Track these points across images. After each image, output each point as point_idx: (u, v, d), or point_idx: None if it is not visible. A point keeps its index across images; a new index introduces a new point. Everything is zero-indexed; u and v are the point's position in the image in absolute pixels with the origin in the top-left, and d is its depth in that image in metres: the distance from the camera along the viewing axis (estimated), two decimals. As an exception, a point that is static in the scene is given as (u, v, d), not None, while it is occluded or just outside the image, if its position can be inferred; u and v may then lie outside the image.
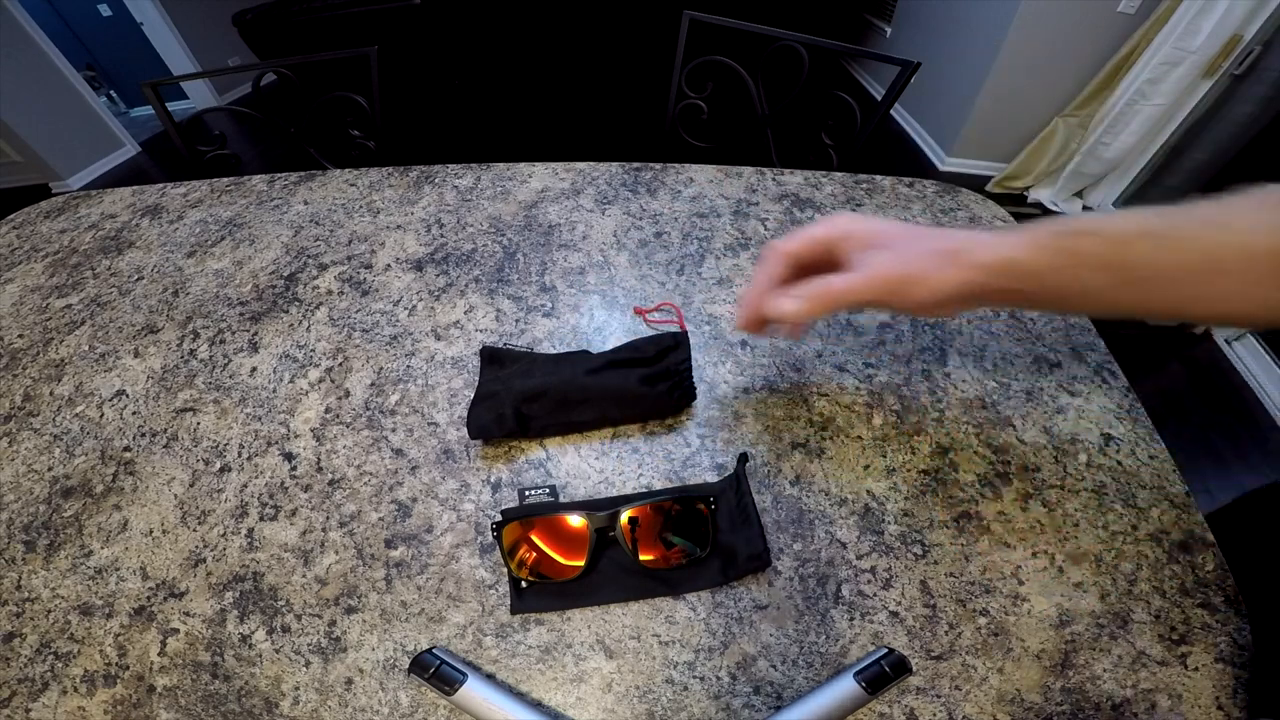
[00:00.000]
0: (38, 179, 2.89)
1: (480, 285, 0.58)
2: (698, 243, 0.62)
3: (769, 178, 0.72)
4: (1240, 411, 1.51)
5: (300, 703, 0.33)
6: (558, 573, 0.36)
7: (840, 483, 0.41)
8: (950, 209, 0.66)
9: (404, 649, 0.34)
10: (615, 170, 0.74)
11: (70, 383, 0.51)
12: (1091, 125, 2.07)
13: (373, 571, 0.38)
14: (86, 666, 0.35)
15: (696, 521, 0.37)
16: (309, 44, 2.43)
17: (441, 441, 0.45)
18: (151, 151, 3.29)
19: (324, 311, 0.56)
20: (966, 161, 2.52)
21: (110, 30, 3.84)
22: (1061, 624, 0.34)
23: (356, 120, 0.94)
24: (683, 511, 0.37)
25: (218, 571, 0.38)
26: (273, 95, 0.95)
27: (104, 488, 0.44)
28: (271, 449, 0.45)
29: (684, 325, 0.52)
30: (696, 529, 0.36)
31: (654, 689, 0.33)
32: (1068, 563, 0.36)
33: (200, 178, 0.81)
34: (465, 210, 0.68)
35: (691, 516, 0.37)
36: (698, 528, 0.36)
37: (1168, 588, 0.35)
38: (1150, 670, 0.32)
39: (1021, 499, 0.39)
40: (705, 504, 0.37)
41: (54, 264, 0.65)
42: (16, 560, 0.40)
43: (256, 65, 0.98)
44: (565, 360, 0.48)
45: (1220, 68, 1.77)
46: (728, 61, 0.87)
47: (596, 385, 0.43)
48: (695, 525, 0.36)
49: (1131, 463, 0.41)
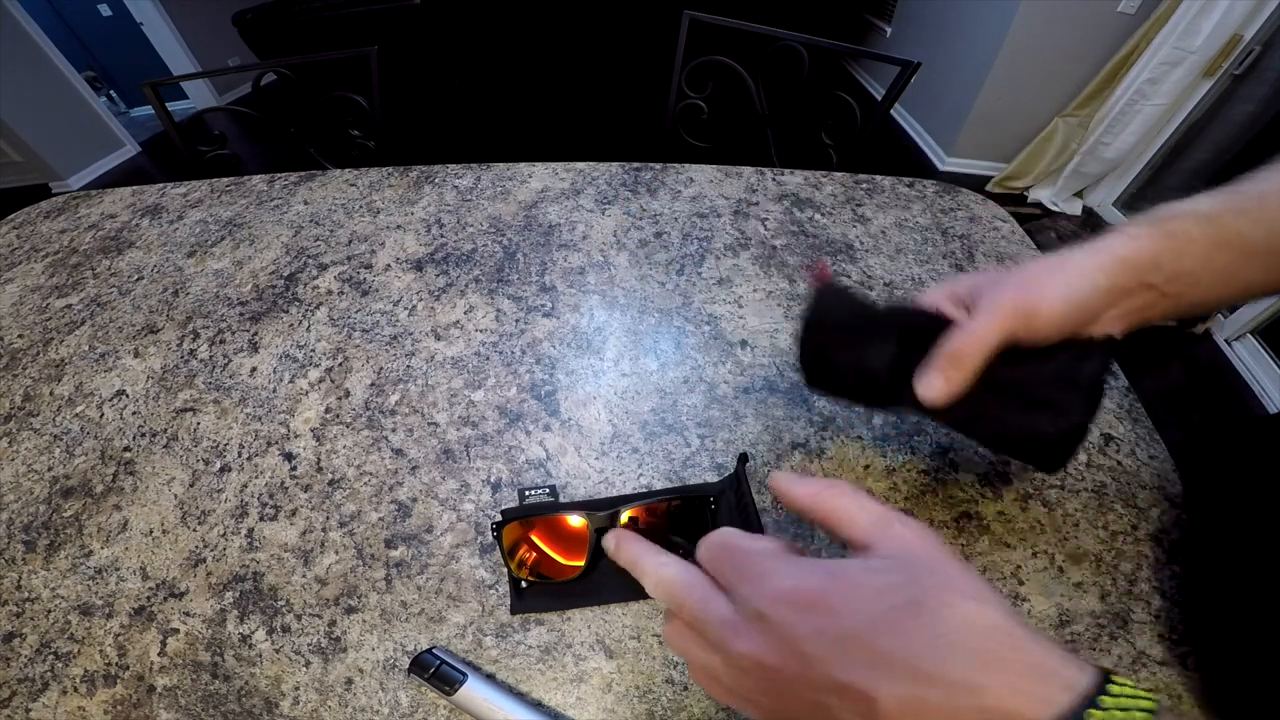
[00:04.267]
0: (38, 179, 2.89)
1: (480, 285, 0.58)
2: (698, 243, 0.62)
3: (769, 178, 0.72)
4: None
5: (300, 703, 0.33)
6: (558, 573, 0.36)
7: (840, 483, 0.41)
8: (950, 209, 0.66)
9: (404, 649, 0.34)
10: (615, 170, 0.74)
11: (70, 383, 0.51)
12: (1091, 125, 2.07)
13: (373, 571, 0.38)
14: (86, 666, 0.35)
15: (697, 521, 0.36)
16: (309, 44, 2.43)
17: (441, 441, 0.45)
18: (151, 151, 3.29)
19: (324, 311, 0.56)
20: (966, 161, 2.52)
21: (110, 30, 3.84)
22: (1061, 624, 0.34)
23: (356, 120, 0.94)
24: (683, 511, 0.37)
25: (218, 571, 0.38)
26: (273, 95, 0.95)
27: (104, 488, 0.44)
28: (271, 449, 0.45)
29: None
30: (697, 529, 0.36)
31: (654, 689, 0.33)
32: (1068, 563, 0.36)
33: (200, 178, 0.81)
34: (465, 210, 0.68)
35: (692, 516, 0.37)
36: (698, 528, 0.36)
37: (1167, 588, 0.35)
38: (1150, 670, 0.32)
39: (1021, 499, 0.39)
40: (705, 504, 0.37)
41: (54, 264, 0.65)
42: (16, 560, 0.40)
43: (256, 65, 0.98)
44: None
45: (1220, 68, 1.77)
46: (728, 61, 0.87)
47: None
48: (695, 525, 0.36)
49: (1131, 463, 0.41)
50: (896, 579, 0.19)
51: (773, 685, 0.19)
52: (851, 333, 0.33)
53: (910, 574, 0.19)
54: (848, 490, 0.23)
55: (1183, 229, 0.28)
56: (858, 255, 0.60)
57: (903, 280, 0.57)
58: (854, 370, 0.33)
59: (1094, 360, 0.30)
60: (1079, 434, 0.30)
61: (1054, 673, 0.16)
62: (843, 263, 0.59)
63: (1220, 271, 0.28)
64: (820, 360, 0.35)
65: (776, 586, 0.20)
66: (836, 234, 0.63)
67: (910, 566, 0.19)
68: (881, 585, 0.18)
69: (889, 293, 0.55)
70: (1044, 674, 0.16)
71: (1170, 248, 0.28)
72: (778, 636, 0.19)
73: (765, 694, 0.19)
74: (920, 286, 0.56)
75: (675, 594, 0.22)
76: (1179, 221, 0.28)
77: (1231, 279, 0.28)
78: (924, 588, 0.18)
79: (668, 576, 0.23)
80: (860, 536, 0.22)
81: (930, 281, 0.56)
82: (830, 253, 0.60)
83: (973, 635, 0.17)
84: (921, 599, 0.18)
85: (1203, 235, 0.28)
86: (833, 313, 0.34)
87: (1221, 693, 0.31)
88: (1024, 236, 0.63)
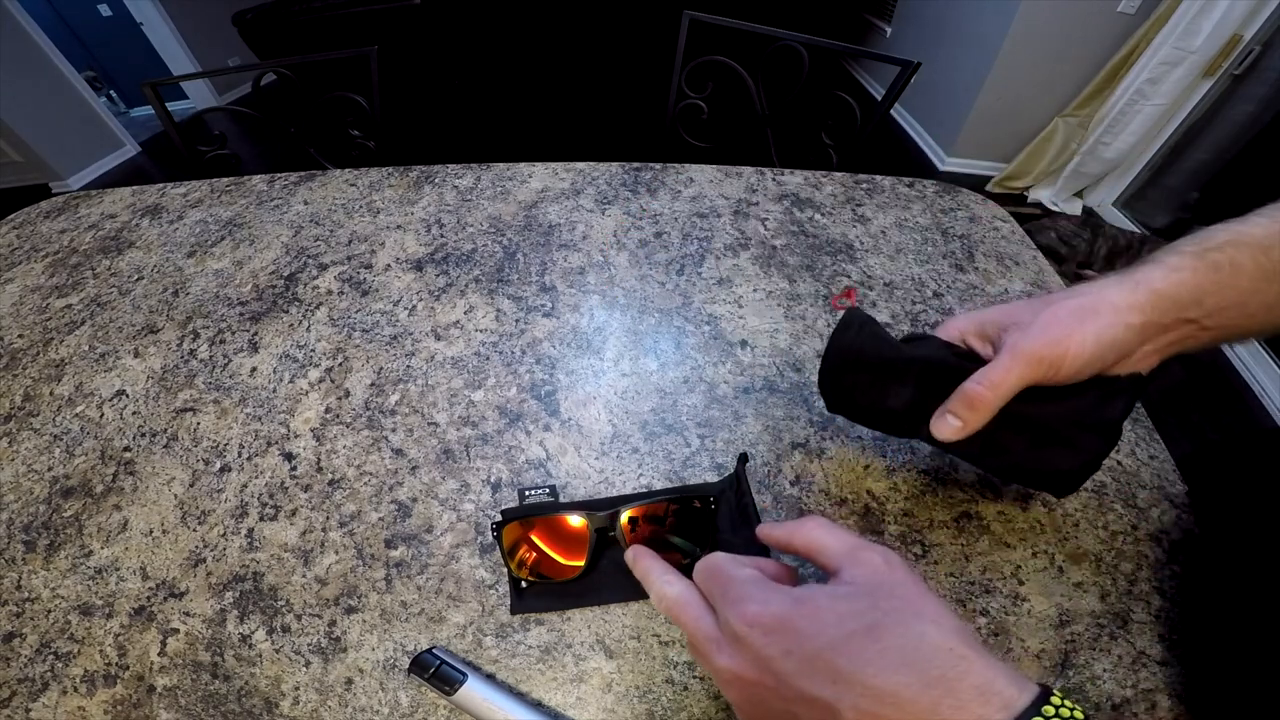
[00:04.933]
0: (38, 179, 2.89)
1: (480, 285, 0.58)
2: (698, 243, 0.62)
3: (769, 178, 0.72)
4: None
5: (300, 703, 0.33)
6: (558, 573, 0.36)
7: (840, 483, 0.41)
8: (950, 209, 0.66)
9: (404, 649, 0.34)
10: (615, 170, 0.74)
11: (70, 383, 0.51)
12: (1091, 125, 2.07)
13: (373, 571, 0.38)
14: (86, 666, 0.35)
15: (697, 521, 0.36)
16: (309, 44, 2.43)
17: (441, 441, 0.45)
18: (151, 151, 3.30)
19: (324, 311, 0.56)
20: (966, 161, 2.52)
21: (110, 30, 3.84)
22: (1061, 624, 0.34)
23: (356, 120, 0.94)
24: (683, 511, 0.36)
25: (218, 571, 0.38)
26: (273, 95, 0.95)
27: (104, 488, 0.44)
28: (271, 449, 0.45)
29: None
30: (697, 529, 0.36)
31: (654, 689, 0.33)
32: (1068, 563, 0.36)
33: (200, 178, 0.81)
34: (465, 210, 0.68)
35: (692, 516, 0.37)
36: (698, 528, 0.36)
37: (1167, 588, 0.35)
38: (1150, 670, 0.32)
39: (1021, 499, 0.39)
40: (705, 504, 0.37)
41: (54, 264, 0.65)
42: (16, 560, 0.40)
43: (256, 65, 0.98)
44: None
45: (1220, 68, 1.77)
46: (728, 61, 0.87)
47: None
48: (695, 525, 0.36)
49: (1131, 463, 0.41)
50: (859, 605, 0.21)
51: (752, 695, 0.22)
52: (872, 374, 0.33)
53: (872, 599, 0.21)
54: (821, 523, 0.25)
55: (1231, 259, 0.26)
56: (858, 255, 0.60)
57: (903, 280, 0.57)
58: (874, 410, 0.34)
59: (1120, 401, 0.29)
60: (1093, 468, 0.30)
61: (996, 693, 0.17)
62: (843, 263, 0.59)
63: (1268, 304, 0.27)
64: (841, 396, 0.35)
65: (748, 611, 0.22)
66: (836, 234, 0.63)
67: (873, 592, 0.21)
68: (845, 610, 0.21)
69: (889, 293, 0.55)
70: (986, 694, 0.17)
71: (1214, 280, 0.27)
72: (752, 655, 0.21)
73: (746, 702, 0.22)
74: (920, 286, 0.56)
75: (673, 611, 0.25)
76: (1228, 251, 0.27)
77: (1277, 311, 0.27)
78: (883, 611, 0.20)
79: (669, 595, 0.26)
80: (832, 564, 0.24)
81: (930, 282, 0.56)
82: (830, 253, 0.60)
83: (923, 656, 0.19)
84: (880, 622, 0.20)
85: (1254, 265, 0.26)
86: (853, 352, 0.34)
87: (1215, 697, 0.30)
88: (1024, 236, 0.63)
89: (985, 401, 0.28)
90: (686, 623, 0.24)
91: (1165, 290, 0.27)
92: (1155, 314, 0.27)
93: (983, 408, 0.28)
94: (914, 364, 0.32)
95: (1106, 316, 0.27)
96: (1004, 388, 0.28)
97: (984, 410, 0.29)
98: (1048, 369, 0.28)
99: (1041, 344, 0.28)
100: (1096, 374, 0.28)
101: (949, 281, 0.57)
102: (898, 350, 0.33)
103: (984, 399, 0.28)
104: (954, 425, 0.29)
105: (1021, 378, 0.28)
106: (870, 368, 0.33)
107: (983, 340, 0.32)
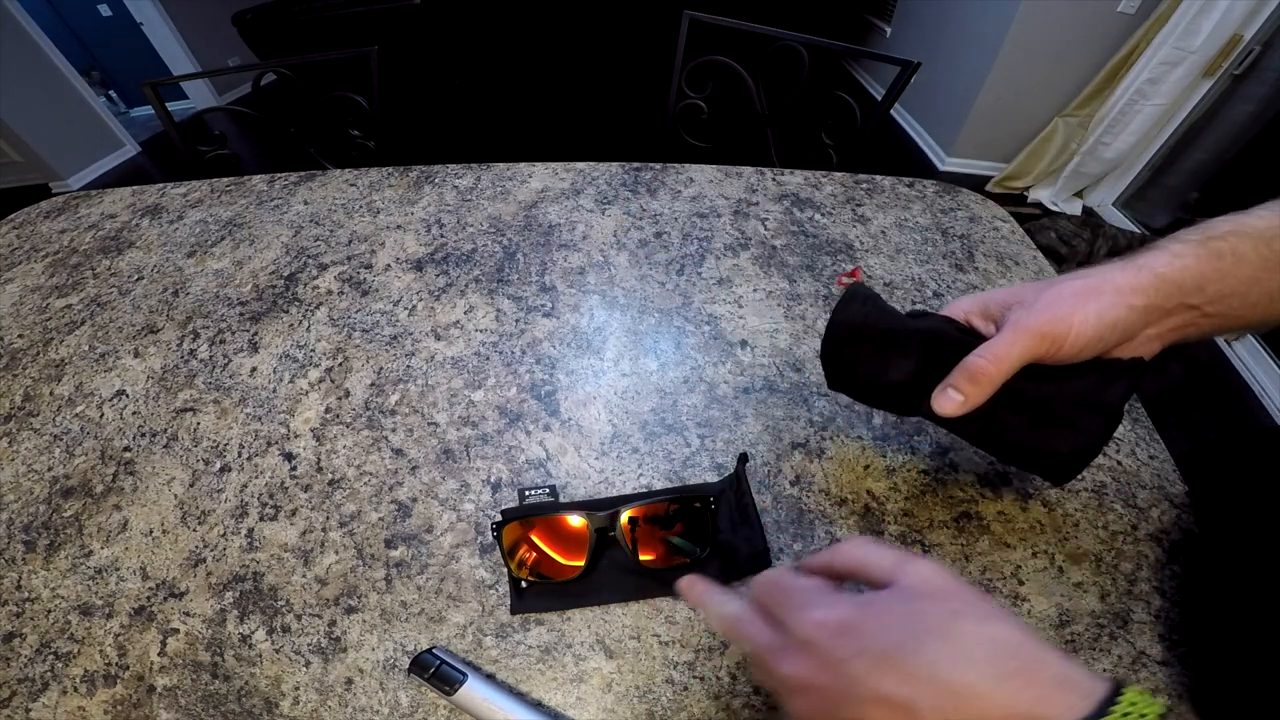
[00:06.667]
0: (38, 179, 2.89)
1: (480, 285, 0.58)
2: (698, 243, 0.62)
3: (769, 178, 0.72)
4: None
5: (300, 703, 0.33)
6: (558, 573, 0.36)
7: (840, 483, 0.41)
8: (950, 209, 0.66)
9: (404, 649, 0.34)
10: (615, 170, 0.74)
11: (70, 383, 0.51)
12: (1091, 125, 2.07)
13: (373, 571, 0.38)
14: (86, 666, 0.35)
15: (697, 521, 0.36)
16: (309, 44, 2.43)
17: (441, 441, 0.45)
18: (151, 151, 3.29)
19: (324, 311, 0.56)
20: (966, 161, 2.52)
21: (110, 30, 3.84)
22: (1061, 624, 0.34)
23: (356, 120, 0.94)
24: (683, 511, 0.37)
25: (218, 571, 0.38)
26: (273, 95, 0.95)
27: (104, 488, 0.44)
28: (271, 449, 0.45)
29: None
30: (697, 529, 0.36)
31: (654, 689, 0.33)
32: (1068, 563, 0.36)
33: (200, 178, 0.81)
34: (465, 210, 0.68)
35: (692, 516, 0.37)
36: (698, 528, 0.36)
37: (1167, 588, 0.35)
38: (1150, 670, 0.32)
39: (1021, 499, 0.39)
40: (705, 504, 0.37)
41: (54, 264, 0.65)
42: (16, 560, 0.40)
43: (256, 65, 0.98)
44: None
45: (1220, 68, 1.77)
46: (728, 61, 0.87)
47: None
48: (695, 525, 0.36)
49: (1131, 463, 0.41)
50: (924, 606, 0.21)
51: (820, 702, 0.21)
52: (875, 344, 0.33)
53: (934, 601, 0.21)
54: (861, 541, 0.26)
55: (1233, 248, 0.27)
56: (858, 255, 0.60)
57: (903, 280, 0.57)
58: (875, 383, 0.34)
59: (1120, 384, 0.30)
60: (1093, 451, 0.30)
61: (1075, 683, 0.18)
62: (843, 263, 0.59)
63: (1270, 294, 0.27)
64: (842, 368, 0.35)
65: (816, 615, 0.22)
66: (836, 234, 0.63)
67: (934, 595, 0.21)
68: (912, 611, 0.21)
69: (889, 293, 0.55)
70: (1066, 684, 0.18)
71: (1217, 267, 0.27)
72: (821, 659, 0.21)
73: (814, 710, 0.21)
74: (920, 286, 0.56)
75: (736, 628, 0.25)
76: (1231, 240, 0.27)
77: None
78: (949, 611, 0.20)
79: (728, 614, 0.26)
80: (884, 577, 0.23)
81: (930, 282, 0.56)
82: (830, 253, 0.60)
83: (997, 652, 0.19)
84: (949, 622, 0.20)
85: (1256, 255, 0.27)
86: (857, 323, 0.34)
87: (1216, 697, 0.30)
88: (1024, 236, 0.63)
89: (987, 374, 0.28)
90: (750, 636, 0.24)
91: (1168, 274, 0.27)
92: (1158, 297, 0.27)
93: (985, 381, 0.29)
94: (917, 335, 0.32)
95: (1110, 297, 0.28)
96: (1006, 362, 0.28)
97: (986, 384, 0.29)
98: (1050, 345, 0.28)
99: (1045, 320, 0.28)
100: (1098, 355, 0.29)
101: (949, 281, 0.57)
102: (901, 322, 0.33)
103: (986, 372, 0.28)
104: (955, 400, 0.29)
105: (1024, 353, 0.28)
106: (873, 338, 0.33)
107: (986, 319, 0.32)
